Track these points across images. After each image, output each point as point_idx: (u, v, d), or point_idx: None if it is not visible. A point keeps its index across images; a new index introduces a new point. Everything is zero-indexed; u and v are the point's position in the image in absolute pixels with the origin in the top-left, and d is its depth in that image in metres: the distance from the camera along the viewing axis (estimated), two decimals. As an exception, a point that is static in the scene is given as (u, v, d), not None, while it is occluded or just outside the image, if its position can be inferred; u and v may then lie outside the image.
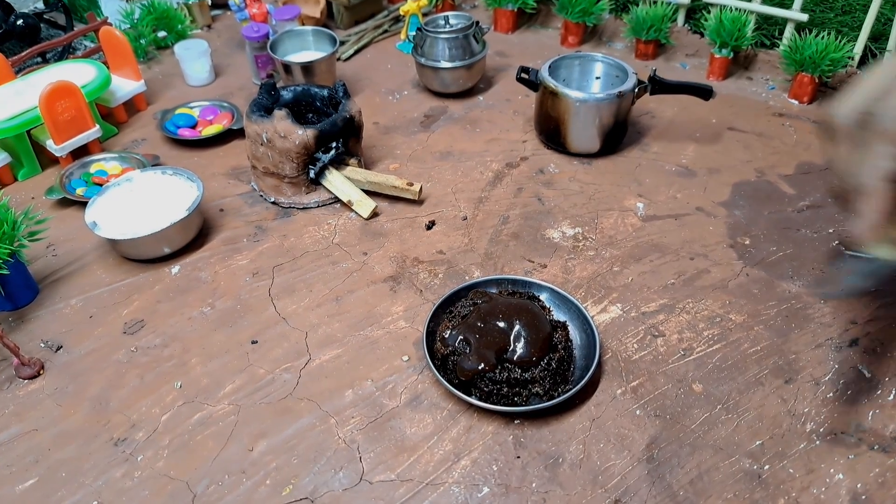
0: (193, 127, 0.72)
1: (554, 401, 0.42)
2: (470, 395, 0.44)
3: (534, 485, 0.40)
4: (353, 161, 0.64)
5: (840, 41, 0.70)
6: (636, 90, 0.65)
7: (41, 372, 0.48)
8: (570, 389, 0.43)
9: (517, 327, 0.45)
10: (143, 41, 0.85)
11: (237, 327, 0.51)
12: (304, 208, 0.62)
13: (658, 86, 0.66)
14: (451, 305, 0.49)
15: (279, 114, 0.58)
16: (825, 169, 0.63)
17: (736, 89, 0.77)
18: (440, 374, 0.44)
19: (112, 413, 0.45)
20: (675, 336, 0.49)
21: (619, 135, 0.67)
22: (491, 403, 0.43)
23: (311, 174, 0.61)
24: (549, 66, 0.68)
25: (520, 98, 0.77)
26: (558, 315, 0.48)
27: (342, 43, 0.86)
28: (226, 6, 0.95)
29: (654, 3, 0.82)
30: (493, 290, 0.50)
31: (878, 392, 0.45)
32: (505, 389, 0.44)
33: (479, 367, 0.43)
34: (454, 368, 0.44)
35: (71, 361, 0.49)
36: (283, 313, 0.52)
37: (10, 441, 0.44)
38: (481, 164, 0.67)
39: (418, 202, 0.62)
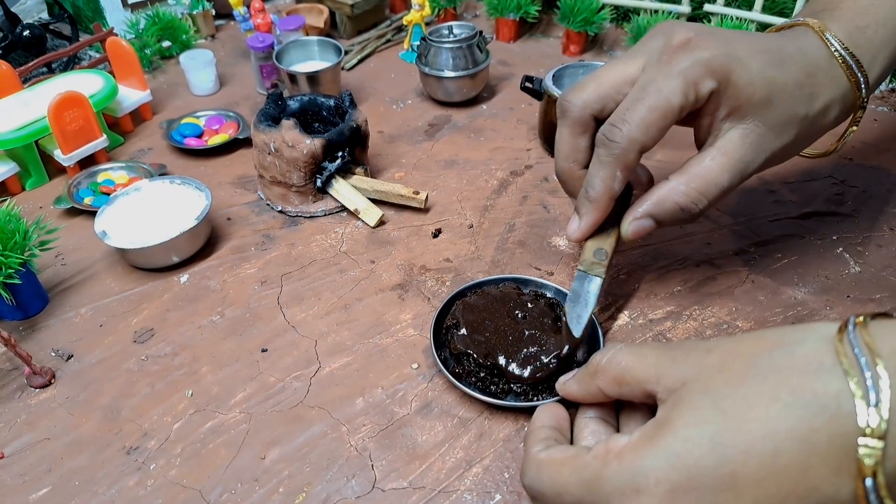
0: (199, 136, 0.73)
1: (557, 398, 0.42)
2: (471, 389, 0.44)
3: (545, 491, 0.40)
4: (359, 170, 0.64)
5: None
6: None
7: (52, 381, 0.48)
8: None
9: (528, 337, 0.45)
10: (148, 51, 0.85)
11: (247, 336, 0.51)
12: (311, 217, 0.62)
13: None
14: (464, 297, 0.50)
15: (287, 123, 0.59)
16: (827, 177, 0.64)
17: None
18: (448, 372, 0.45)
19: (124, 422, 0.46)
20: (682, 343, 0.49)
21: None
22: (465, 383, 0.44)
23: (319, 183, 0.61)
24: (553, 75, 0.68)
25: (523, 107, 0.78)
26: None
27: (346, 52, 0.87)
28: (230, 16, 0.96)
29: (655, 12, 0.83)
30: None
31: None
32: (482, 374, 0.44)
33: (468, 351, 0.45)
34: (450, 340, 0.46)
35: (82, 370, 0.49)
36: (292, 321, 0.52)
37: (23, 450, 0.44)
38: (486, 173, 0.67)
39: (424, 210, 0.62)
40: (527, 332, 0.45)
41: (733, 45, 0.41)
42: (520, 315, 0.47)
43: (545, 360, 0.44)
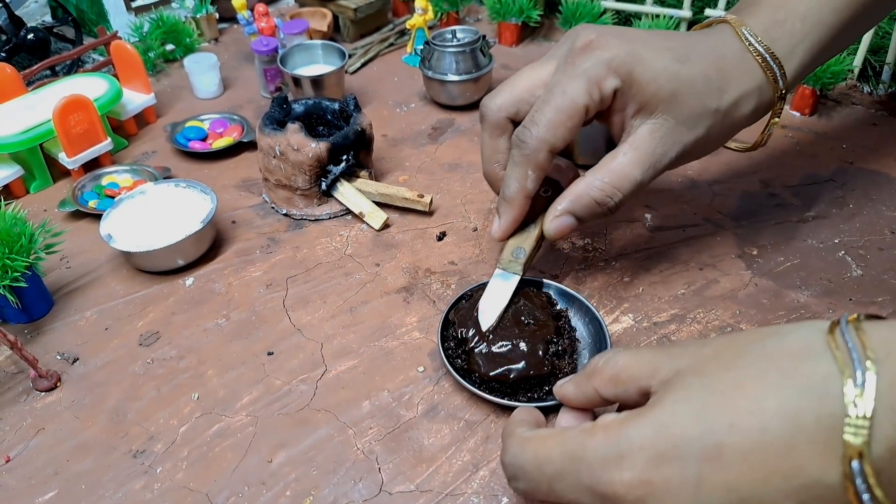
0: (204, 139, 0.73)
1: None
2: (484, 392, 0.44)
3: (552, 494, 0.40)
4: (363, 173, 0.64)
5: (841, 55, 0.71)
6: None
7: (58, 384, 0.48)
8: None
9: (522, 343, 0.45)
10: (151, 54, 0.85)
11: (252, 338, 0.51)
12: (315, 220, 0.62)
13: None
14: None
15: (292, 127, 0.59)
16: (828, 180, 0.64)
17: (739, 102, 0.78)
18: (456, 373, 0.45)
19: (130, 425, 0.46)
20: (686, 346, 0.49)
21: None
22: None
23: (323, 186, 0.61)
24: (556, 80, 0.69)
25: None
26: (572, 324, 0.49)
27: (349, 56, 0.87)
28: (233, 20, 0.96)
29: (657, 16, 0.83)
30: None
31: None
32: (453, 344, 0.46)
33: (453, 320, 0.47)
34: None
35: (87, 373, 0.49)
36: (297, 324, 0.52)
37: (29, 453, 0.44)
38: (490, 176, 0.68)
39: (429, 213, 0.63)
40: (516, 338, 0.45)
41: (636, 45, 0.43)
42: (525, 321, 0.47)
43: (511, 368, 0.44)
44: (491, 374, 0.44)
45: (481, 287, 0.50)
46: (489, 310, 0.47)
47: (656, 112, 0.43)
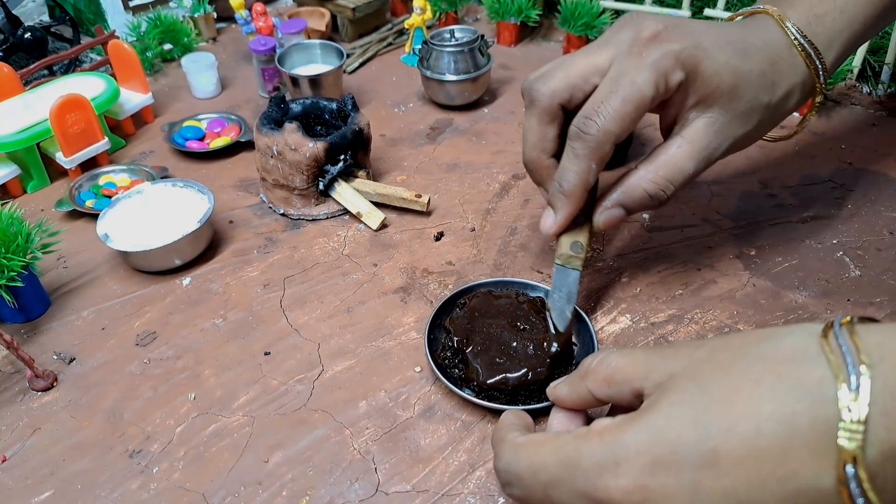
0: (201, 139, 0.73)
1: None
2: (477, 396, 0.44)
3: (549, 495, 0.40)
4: (361, 173, 0.64)
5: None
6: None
7: (55, 384, 0.48)
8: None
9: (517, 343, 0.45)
10: (149, 54, 0.85)
11: (249, 339, 0.51)
12: (313, 220, 0.62)
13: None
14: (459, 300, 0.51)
15: (290, 126, 0.59)
16: (827, 181, 0.64)
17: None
18: (445, 379, 0.45)
19: (126, 425, 0.46)
20: (684, 346, 0.49)
21: (624, 147, 0.68)
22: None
23: (321, 186, 0.61)
24: (555, 80, 0.68)
25: (524, 110, 0.78)
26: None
27: (348, 56, 0.87)
28: (231, 19, 0.96)
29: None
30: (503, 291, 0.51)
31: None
32: (450, 354, 0.46)
33: (450, 329, 0.46)
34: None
35: (84, 373, 0.49)
36: (294, 325, 0.52)
37: (25, 453, 0.44)
38: (488, 176, 0.68)
39: (426, 213, 0.63)
40: (514, 344, 0.45)
41: (700, 37, 0.42)
42: (521, 326, 0.47)
43: (509, 375, 0.44)
44: (489, 381, 0.44)
45: (475, 295, 0.49)
46: (560, 308, 0.46)
47: (714, 105, 0.43)
